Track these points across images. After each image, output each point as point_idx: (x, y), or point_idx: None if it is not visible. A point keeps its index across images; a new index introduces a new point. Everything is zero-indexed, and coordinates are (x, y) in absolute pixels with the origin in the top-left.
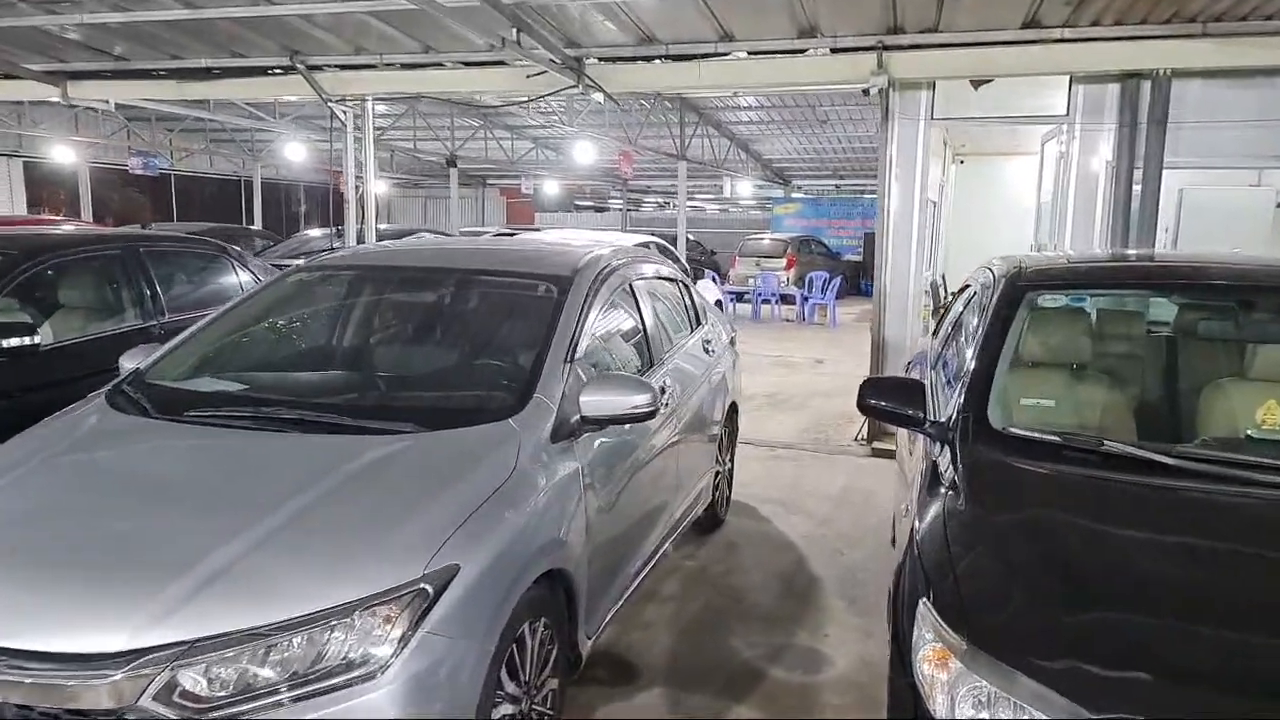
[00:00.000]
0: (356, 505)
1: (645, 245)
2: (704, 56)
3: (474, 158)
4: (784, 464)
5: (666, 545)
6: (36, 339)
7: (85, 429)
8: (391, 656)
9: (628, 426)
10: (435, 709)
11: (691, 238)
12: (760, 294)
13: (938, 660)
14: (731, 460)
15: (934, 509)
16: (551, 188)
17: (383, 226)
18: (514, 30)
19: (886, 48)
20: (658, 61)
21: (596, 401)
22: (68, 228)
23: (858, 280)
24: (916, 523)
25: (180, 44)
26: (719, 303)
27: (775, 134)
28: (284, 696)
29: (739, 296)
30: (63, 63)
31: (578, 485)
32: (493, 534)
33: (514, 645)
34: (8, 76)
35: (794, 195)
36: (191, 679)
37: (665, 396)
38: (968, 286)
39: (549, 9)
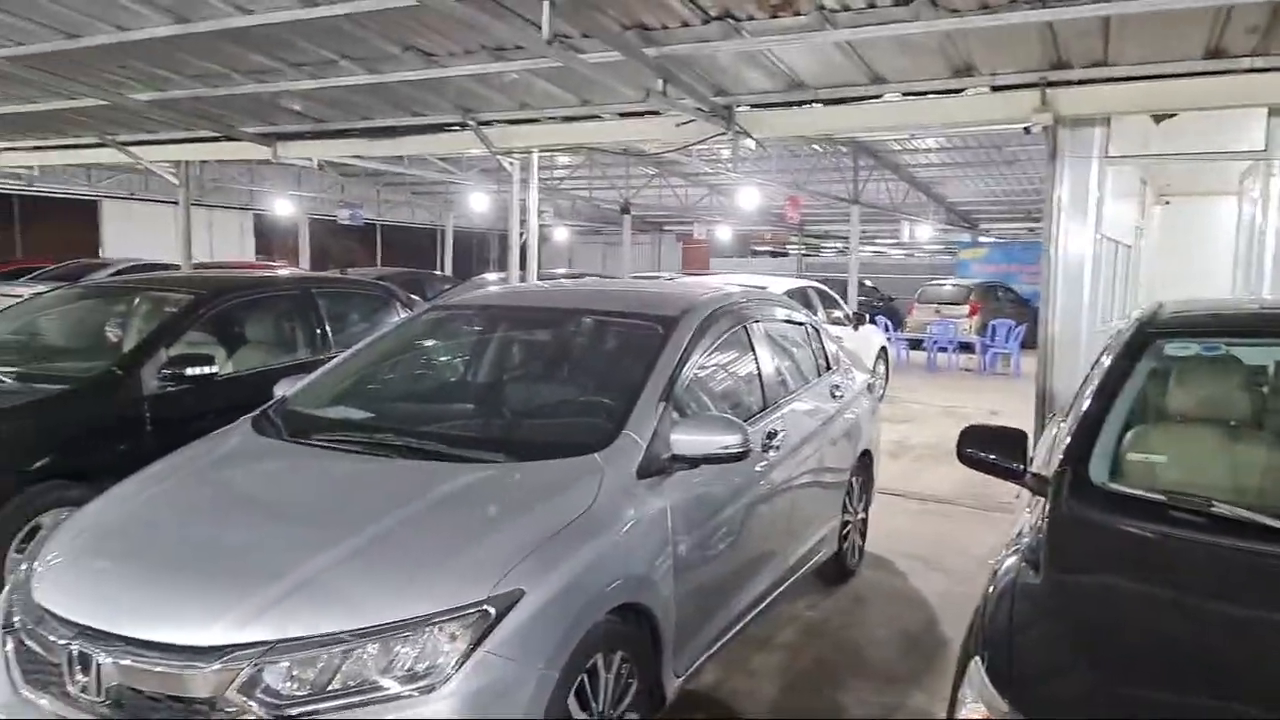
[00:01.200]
0: (436, 527)
1: (800, 290)
2: (856, 100)
3: (648, 204)
4: (933, 519)
5: (777, 593)
6: (214, 369)
7: (226, 448)
8: (452, 671)
9: (729, 467)
10: None
11: (869, 283)
12: (936, 341)
13: None
14: (866, 510)
15: (1011, 566)
16: (725, 233)
17: (559, 271)
18: (661, 81)
19: (1051, 84)
20: (808, 106)
21: (687, 440)
22: (261, 271)
23: None
24: (994, 576)
25: (368, 106)
26: (883, 349)
27: (959, 176)
28: (354, 699)
29: (914, 344)
30: (273, 125)
31: (664, 523)
32: (563, 563)
33: (585, 675)
34: (228, 138)
35: (981, 239)
36: (274, 676)
37: (775, 439)
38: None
39: (695, 59)
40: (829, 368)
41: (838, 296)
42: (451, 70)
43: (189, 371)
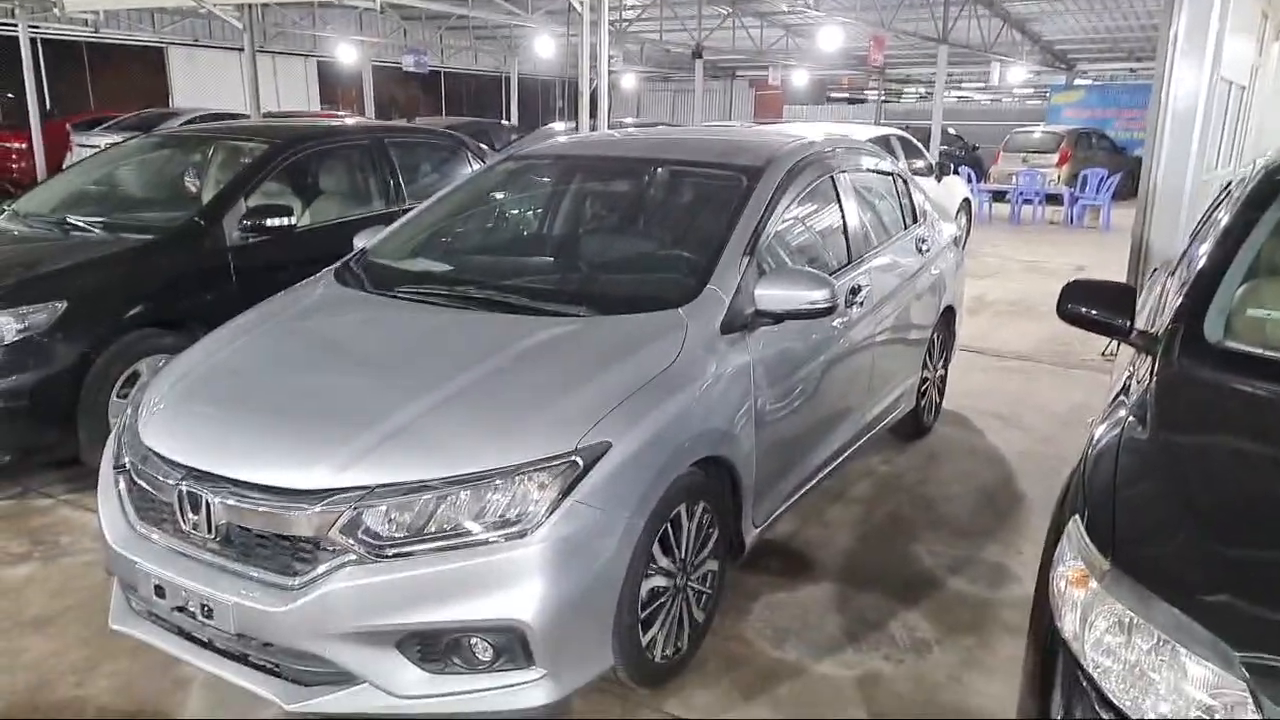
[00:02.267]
0: (523, 379)
1: (883, 139)
2: None
3: (722, 48)
4: (1012, 376)
5: (854, 448)
6: (293, 220)
7: (312, 299)
8: (543, 518)
9: (812, 322)
10: (582, 569)
11: (952, 131)
12: (1021, 193)
13: (1075, 580)
14: (945, 367)
15: (1115, 423)
16: (801, 78)
17: (627, 120)
18: None
19: None
20: None
21: (771, 295)
22: (331, 121)
23: None
24: (1094, 435)
25: None
26: (966, 201)
27: (1058, 10)
28: (448, 542)
29: (998, 196)
30: None
31: (747, 378)
32: (647, 416)
33: (669, 524)
34: None
35: (1077, 82)
36: (373, 518)
37: (860, 295)
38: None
39: None
40: (915, 220)
41: (921, 145)
42: None
43: (269, 222)
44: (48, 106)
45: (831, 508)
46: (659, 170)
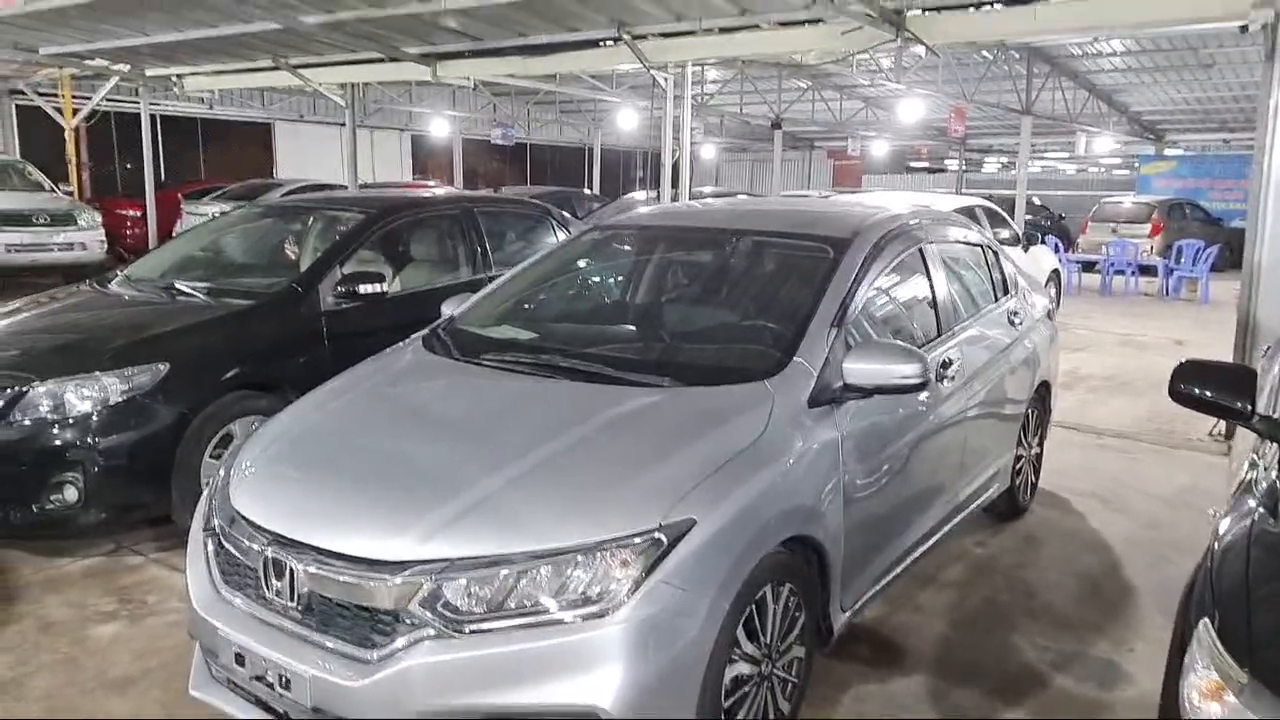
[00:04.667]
0: (606, 451)
1: (968, 209)
2: None
3: (800, 120)
4: (1111, 455)
5: (947, 528)
6: (385, 287)
7: (400, 365)
8: (625, 598)
9: (901, 398)
10: (664, 654)
11: (1037, 201)
12: (1112, 264)
13: (1209, 692)
14: (1040, 444)
15: (1243, 514)
16: (880, 148)
17: (706, 189)
18: None
19: None
20: (987, 8)
21: (861, 369)
22: (432, 192)
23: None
24: (1220, 530)
25: (525, 23)
26: (1055, 272)
27: (1146, 83)
28: (527, 620)
29: (1087, 267)
30: (432, 45)
31: (835, 454)
32: (733, 493)
33: (753, 606)
34: (392, 59)
35: (1167, 152)
36: (452, 591)
37: (950, 369)
38: None
39: None
40: (1007, 292)
41: (1006, 215)
42: None
43: (362, 289)
44: (162, 177)
45: (923, 592)
46: (742, 240)
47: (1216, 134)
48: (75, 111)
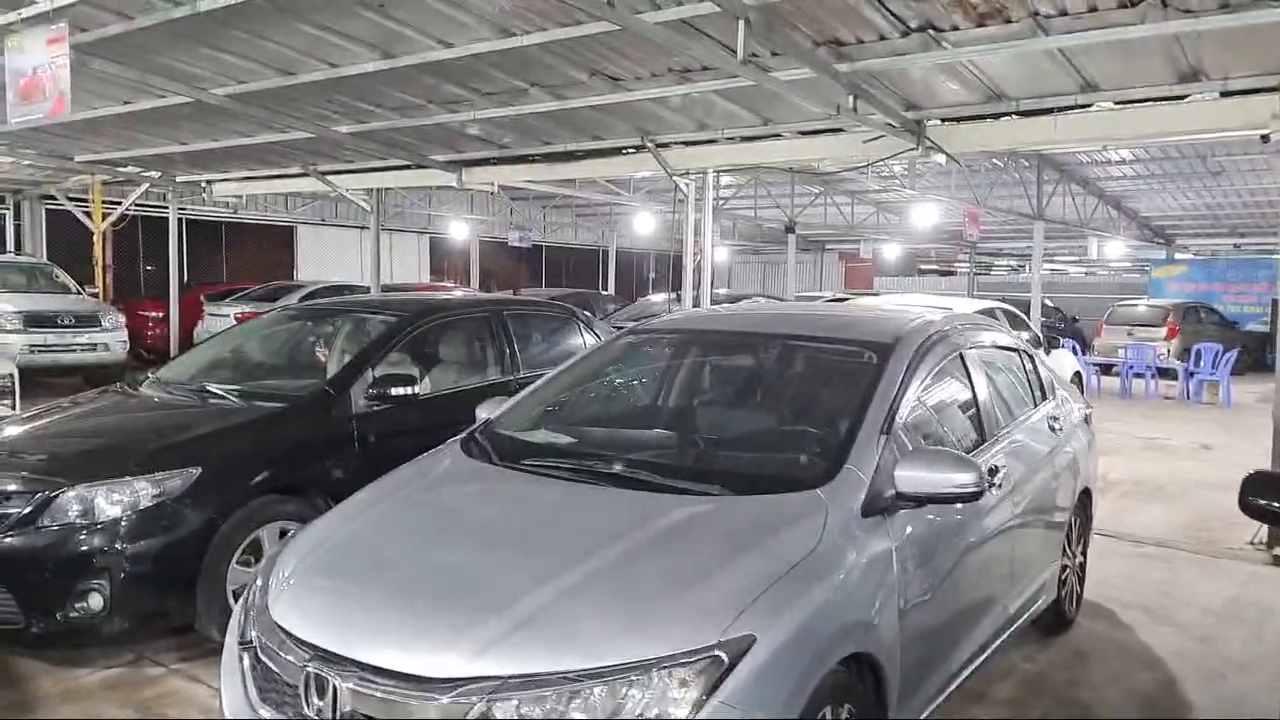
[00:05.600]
0: (658, 563)
1: (989, 312)
2: (1061, 110)
3: (813, 223)
4: (1152, 564)
5: (998, 642)
6: (416, 390)
7: (439, 471)
8: None
9: (952, 506)
10: None
11: (1049, 303)
12: (1132, 367)
13: None
14: (1084, 553)
15: None
16: (892, 251)
17: (720, 291)
18: (850, 98)
19: None
20: (1006, 119)
21: (914, 477)
22: (452, 294)
23: (1263, 354)
24: None
25: (550, 131)
26: (1077, 375)
27: (1155, 189)
28: None
29: (1105, 369)
30: (459, 152)
31: (889, 566)
32: (792, 608)
33: None
34: (419, 166)
35: (1178, 256)
36: (504, 712)
37: (997, 477)
38: None
39: (888, 74)
40: (1045, 397)
41: (1025, 318)
42: (636, 94)
43: (393, 391)
44: (185, 279)
45: (973, 709)
46: (782, 345)
47: (1227, 238)
48: (104, 216)
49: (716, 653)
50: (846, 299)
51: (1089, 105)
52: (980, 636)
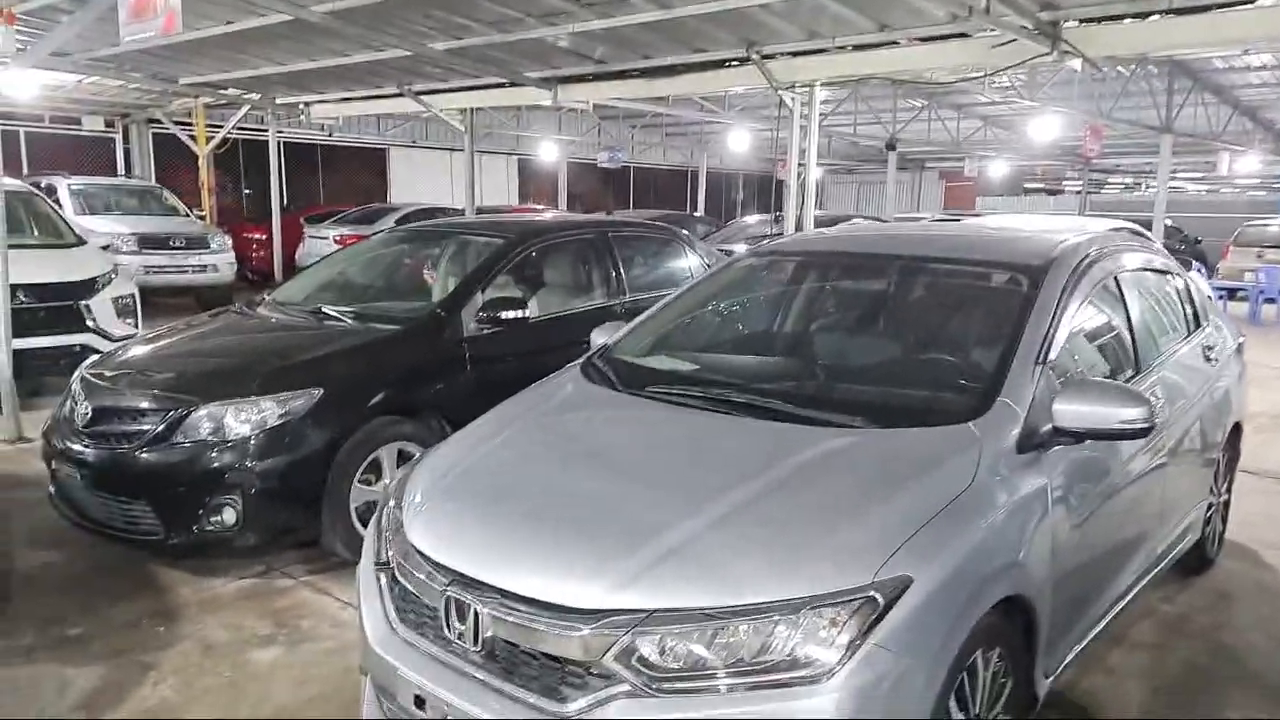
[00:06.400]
0: (804, 499)
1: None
2: (1222, 6)
3: (914, 140)
4: None
5: (1143, 584)
6: (526, 313)
7: (564, 395)
8: (837, 664)
9: (1109, 443)
10: None
11: (1169, 223)
12: (1263, 291)
13: None
14: (1229, 491)
15: None
16: (998, 169)
17: (817, 213)
18: None
19: None
20: (1155, 18)
21: (1075, 411)
22: (549, 216)
23: None
24: None
25: (650, 44)
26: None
27: None
28: (728, 681)
29: (1231, 294)
30: (555, 69)
31: (1043, 504)
32: (947, 548)
33: (965, 674)
34: (512, 84)
35: None
36: (648, 646)
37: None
38: None
39: None
40: (1199, 325)
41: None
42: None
43: (503, 314)
44: (284, 202)
45: (1112, 653)
46: (920, 268)
47: None
48: (208, 139)
49: (871, 593)
50: (955, 219)
51: (1251, 0)
52: (1127, 579)
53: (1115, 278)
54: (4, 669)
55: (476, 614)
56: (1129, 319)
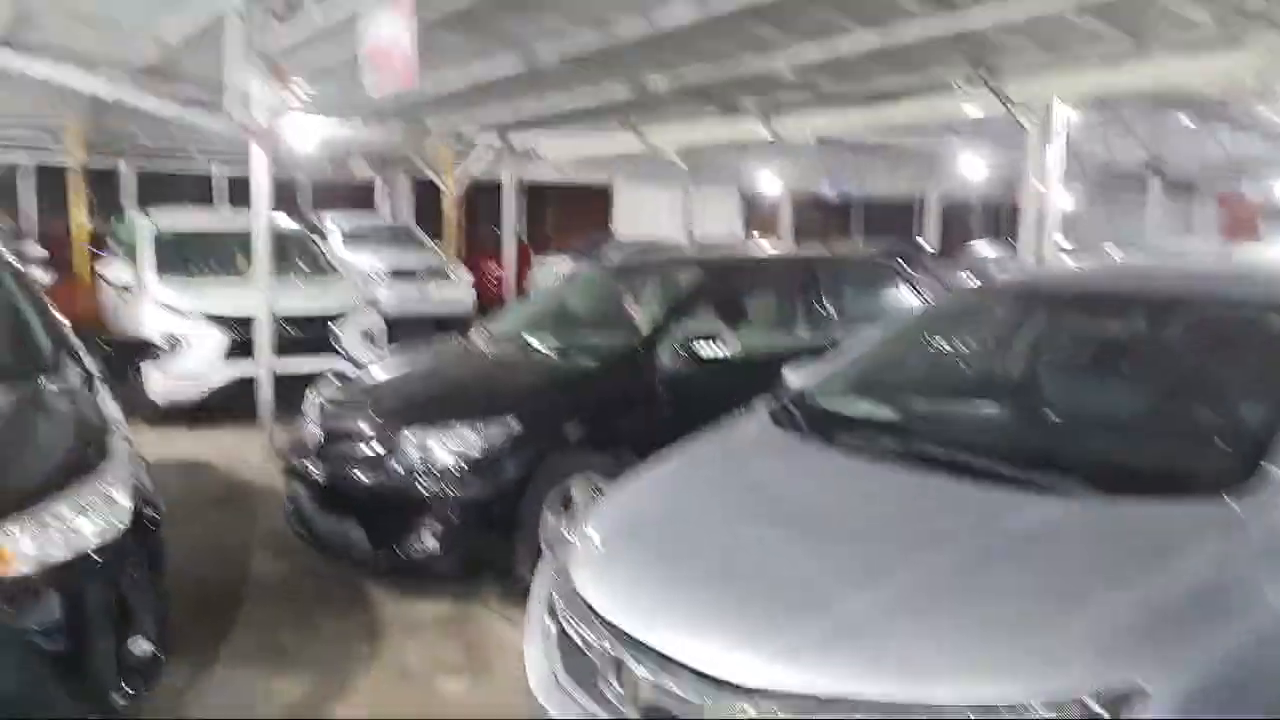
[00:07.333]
0: (1008, 579)
1: None
2: None
3: (1179, 160)
4: None
5: None
6: (723, 350)
7: (748, 441)
8: None
9: None
10: None
11: None
12: None
13: None
14: None
15: None
16: None
17: (1059, 241)
18: None
19: None
20: None
21: None
22: (761, 250)
23: None
24: None
25: (869, 70)
26: None
27: None
28: None
29: None
30: (771, 100)
31: None
32: (1193, 651)
33: None
34: (730, 114)
35: None
36: None
37: None
38: None
39: None
40: None
41: None
42: (972, 20)
43: (700, 352)
44: (522, 238)
45: None
46: (1178, 310)
47: None
48: (454, 180)
49: (1088, 703)
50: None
51: None
52: None
53: None
54: (226, 669)
55: (634, 675)
56: None
